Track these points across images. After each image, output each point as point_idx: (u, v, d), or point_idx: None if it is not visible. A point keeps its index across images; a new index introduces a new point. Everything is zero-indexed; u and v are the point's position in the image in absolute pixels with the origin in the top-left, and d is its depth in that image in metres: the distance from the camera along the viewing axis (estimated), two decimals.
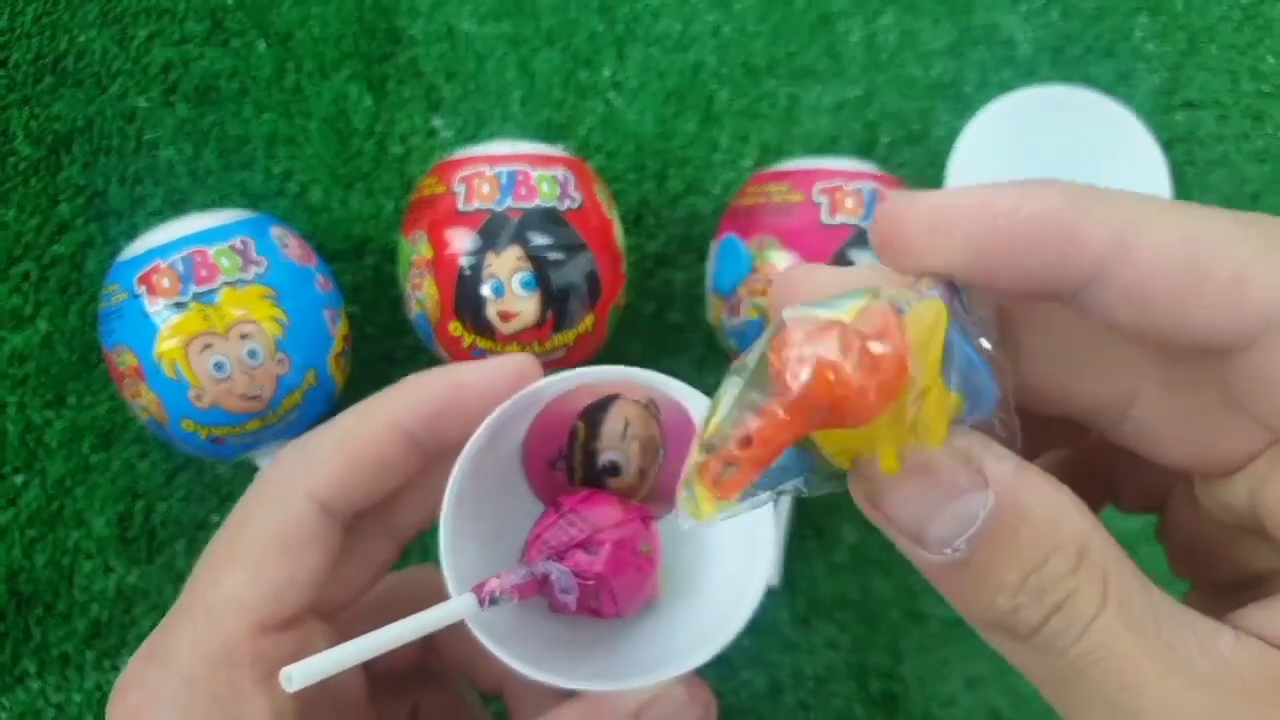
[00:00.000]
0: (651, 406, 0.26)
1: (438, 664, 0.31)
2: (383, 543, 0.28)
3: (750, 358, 0.18)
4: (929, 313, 0.17)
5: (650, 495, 0.28)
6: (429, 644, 0.31)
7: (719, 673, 0.46)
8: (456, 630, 0.24)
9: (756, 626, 0.47)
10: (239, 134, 0.49)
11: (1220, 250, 0.17)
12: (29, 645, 0.44)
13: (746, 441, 0.17)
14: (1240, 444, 0.18)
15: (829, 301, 0.17)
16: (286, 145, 0.49)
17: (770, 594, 0.47)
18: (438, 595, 0.23)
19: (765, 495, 0.18)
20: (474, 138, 0.50)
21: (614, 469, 0.28)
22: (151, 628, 0.45)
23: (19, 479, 0.45)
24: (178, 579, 0.45)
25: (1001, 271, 0.17)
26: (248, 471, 0.45)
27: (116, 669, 0.44)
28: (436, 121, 0.50)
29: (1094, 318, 0.17)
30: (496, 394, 0.25)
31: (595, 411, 0.27)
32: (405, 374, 0.47)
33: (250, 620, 0.23)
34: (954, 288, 0.18)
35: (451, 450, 0.25)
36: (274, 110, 0.49)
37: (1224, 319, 0.17)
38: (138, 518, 0.45)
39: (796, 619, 0.47)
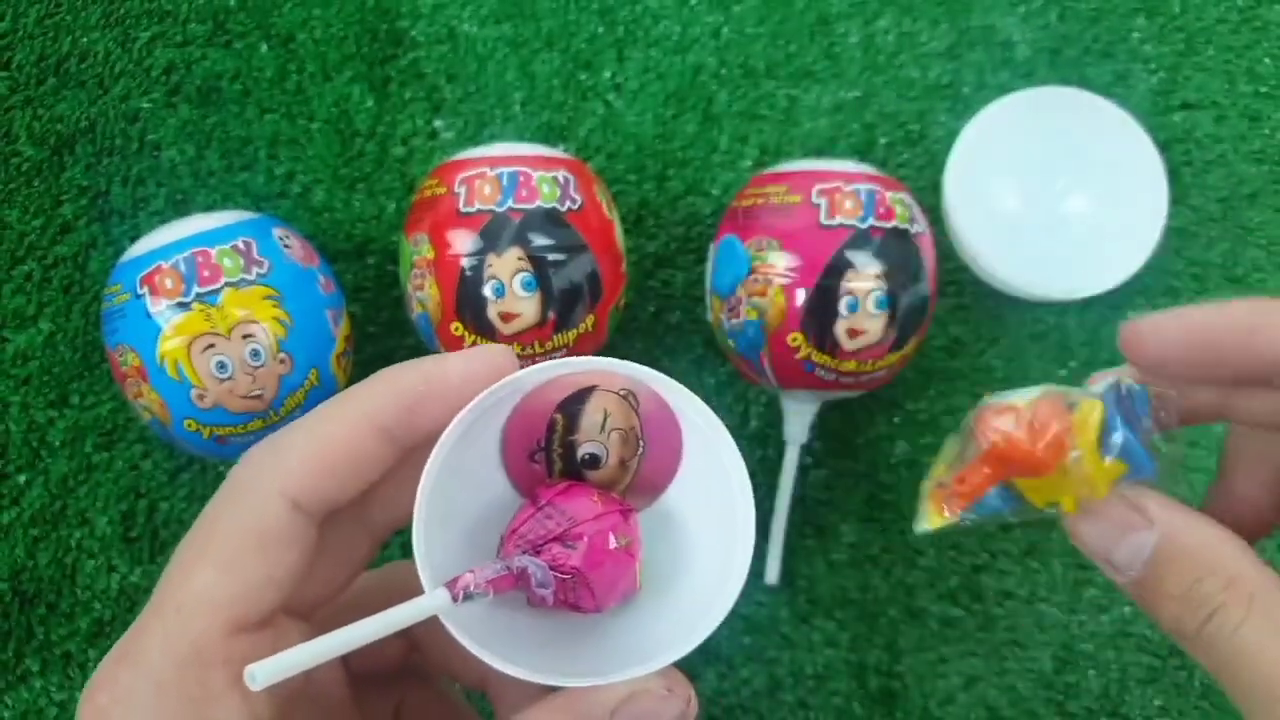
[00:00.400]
0: (630, 398, 0.26)
1: (420, 661, 0.31)
2: (359, 539, 0.27)
3: (965, 424, 0.27)
4: (1089, 406, 0.25)
5: (631, 487, 0.28)
6: (411, 641, 0.30)
7: (718, 670, 0.46)
8: (436, 626, 0.24)
9: (756, 625, 0.47)
10: (241, 135, 0.49)
11: None
12: (32, 644, 0.44)
13: (960, 480, 0.26)
14: None
15: (1016, 392, 0.26)
16: (289, 146, 0.49)
17: (769, 592, 0.47)
18: (415, 591, 0.23)
19: (977, 518, 0.26)
20: (475, 139, 0.50)
21: (593, 461, 0.27)
22: None
23: (22, 478, 0.45)
24: None
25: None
26: None
27: None
28: (438, 123, 0.50)
29: None
30: (473, 385, 0.25)
31: (573, 403, 0.27)
32: None
33: (223, 619, 0.23)
34: (1118, 389, 0.26)
35: (427, 443, 0.25)
36: (276, 111, 0.49)
37: None
38: (140, 517, 0.45)
39: (796, 617, 0.47)
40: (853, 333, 0.41)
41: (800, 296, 0.40)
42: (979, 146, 0.48)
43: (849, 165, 0.43)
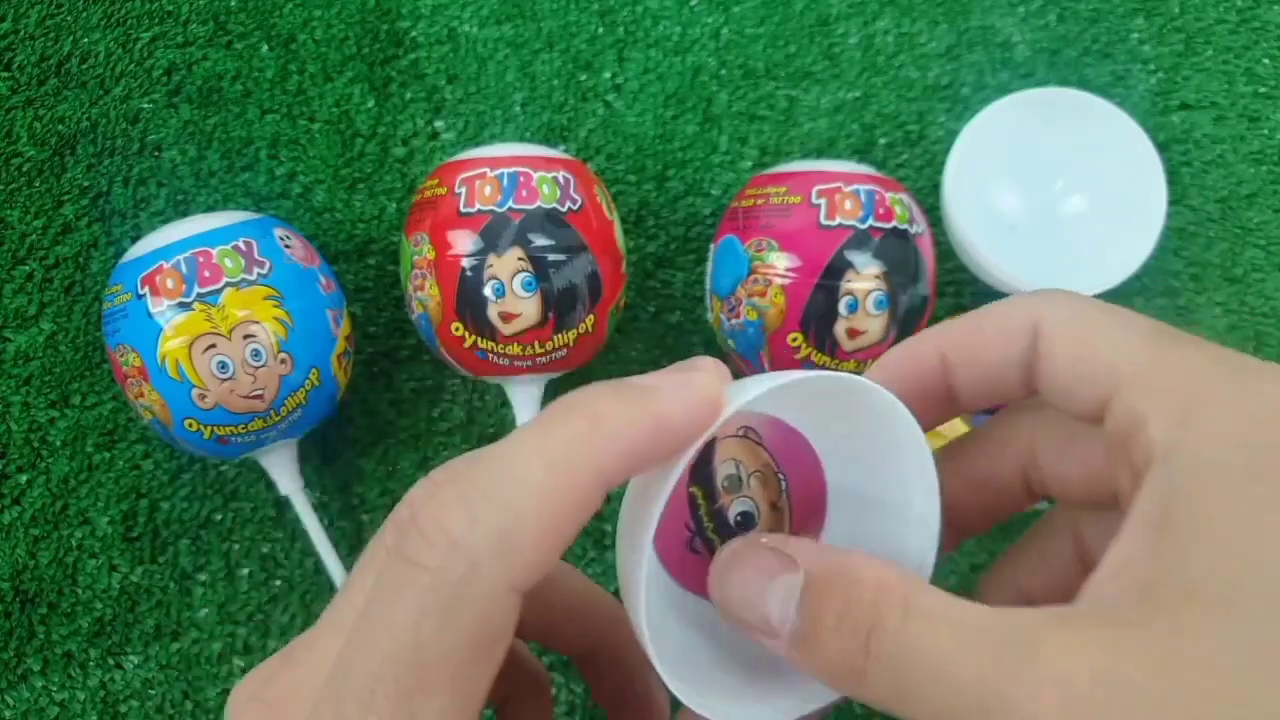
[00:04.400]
0: (751, 434, 0.24)
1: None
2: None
3: None
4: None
5: (793, 524, 0.26)
6: None
7: None
8: (550, 590, 0.23)
9: None
10: (242, 135, 0.49)
11: (993, 309, 0.24)
12: (33, 643, 0.44)
13: None
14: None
15: None
16: (289, 147, 0.49)
17: None
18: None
19: None
20: (476, 140, 0.50)
21: (747, 520, 0.25)
22: (155, 626, 0.45)
23: (23, 478, 0.45)
24: (181, 577, 0.45)
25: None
26: (251, 470, 0.46)
27: (120, 667, 0.44)
28: (438, 124, 0.50)
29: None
30: (695, 430, 0.21)
31: (701, 468, 0.24)
32: (408, 374, 0.48)
33: None
34: None
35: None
36: (277, 112, 0.49)
37: (1004, 350, 0.23)
38: (141, 516, 0.45)
39: None
40: (853, 333, 0.41)
41: (800, 297, 0.40)
42: (978, 147, 0.48)
43: (849, 166, 0.43)
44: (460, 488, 0.20)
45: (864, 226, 0.41)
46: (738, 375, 0.24)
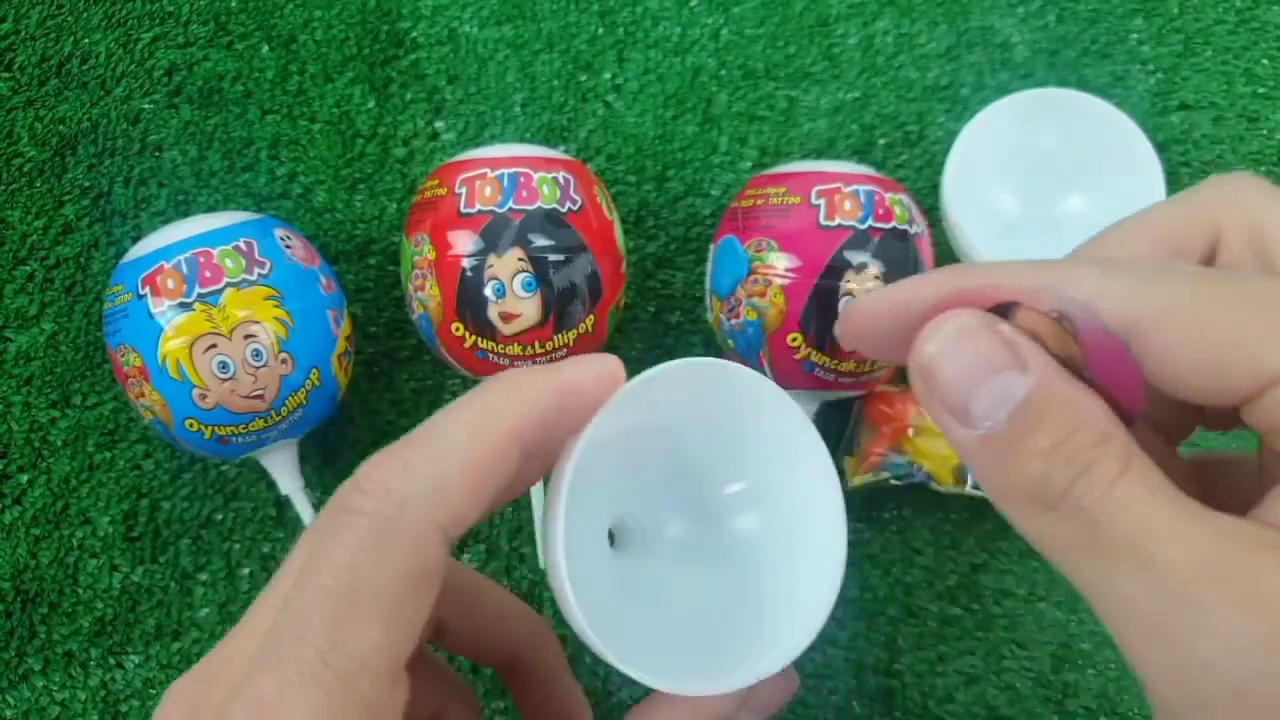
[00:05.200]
0: (1064, 321, 0.21)
1: (438, 644, 0.31)
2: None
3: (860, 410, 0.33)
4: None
5: None
6: (435, 624, 0.29)
7: None
8: (464, 607, 0.23)
9: None
10: (243, 136, 0.49)
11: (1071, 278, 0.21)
12: (34, 643, 0.44)
13: (868, 450, 0.38)
14: (1246, 379, 0.20)
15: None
16: (290, 147, 0.49)
17: None
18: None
19: (890, 475, 0.33)
20: (476, 140, 0.50)
21: None
22: (156, 625, 0.45)
23: (24, 477, 0.45)
24: (182, 576, 0.45)
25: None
26: (252, 470, 0.46)
27: (121, 666, 0.44)
28: (439, 124, 0.50)
29: None
30: (600, 398, 0.24)
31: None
32: (408, 374, 0.48)
33: (388, 676, 0.21)
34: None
35: (539, 464, 0.23)
36: (278, 112, 0.49)
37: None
38: (142, 516, 0.46)
39: None
40: None
41: (800, 297, 0.41)
42: (977, 148, 0.48)
43: (848, 166, 0.43)
44: (395, 450, 0.22)
45: (863, 227, 0.41)
46: None
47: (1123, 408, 0.20)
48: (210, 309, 0.38)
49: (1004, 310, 0.21)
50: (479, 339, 0.41)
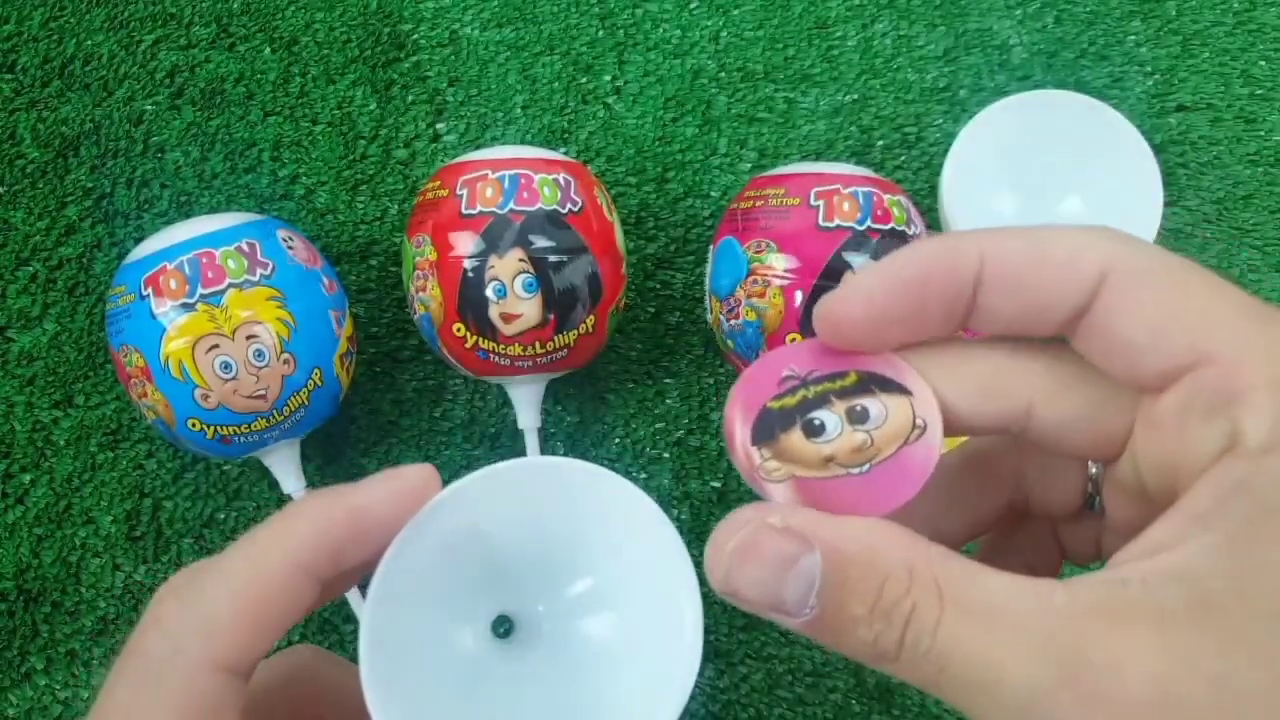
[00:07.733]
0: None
1: None
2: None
3: None
4: None
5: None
6: None
7: (717, 667, 0.47)
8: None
9: (754, 621, 0.48)
10: (245, 137, 0.49)
11: (1058, 237, 0.21)
12: (37, 642, 0.44)
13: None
14: (1121, 415, 0.21)
15: None
16: (292, 149, 0.49)
17: None
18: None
19: None
20: (477, 142, 0.50)
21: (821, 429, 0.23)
22: None
23: (27, 477, 0.45)
24: None
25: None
26: (254, 469, 0.46)
27: None
28: (440, 126, 0.50)
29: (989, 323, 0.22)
30: (399, 516, 0.23)
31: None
32: (410, 374, 0.48)
33: None
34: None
35: (351, 575, 0.23)
36: (280, 114, 0.50)
37: (1065, 287, 0.20)
38: (145, 516, 0.46)
39: None
40: None
41: (799, 298, 0.41)
42: (976, 149, 0.49)
43: (847, 168, 0.43)
44: (178, 584, 0.22)
45: (862, 228, 0.41)
46: (737, 375, 0.24)
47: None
48: (213, 309, 0.38)
49: (768, 428, 0.22)
50: (480, 339, 0.41)
